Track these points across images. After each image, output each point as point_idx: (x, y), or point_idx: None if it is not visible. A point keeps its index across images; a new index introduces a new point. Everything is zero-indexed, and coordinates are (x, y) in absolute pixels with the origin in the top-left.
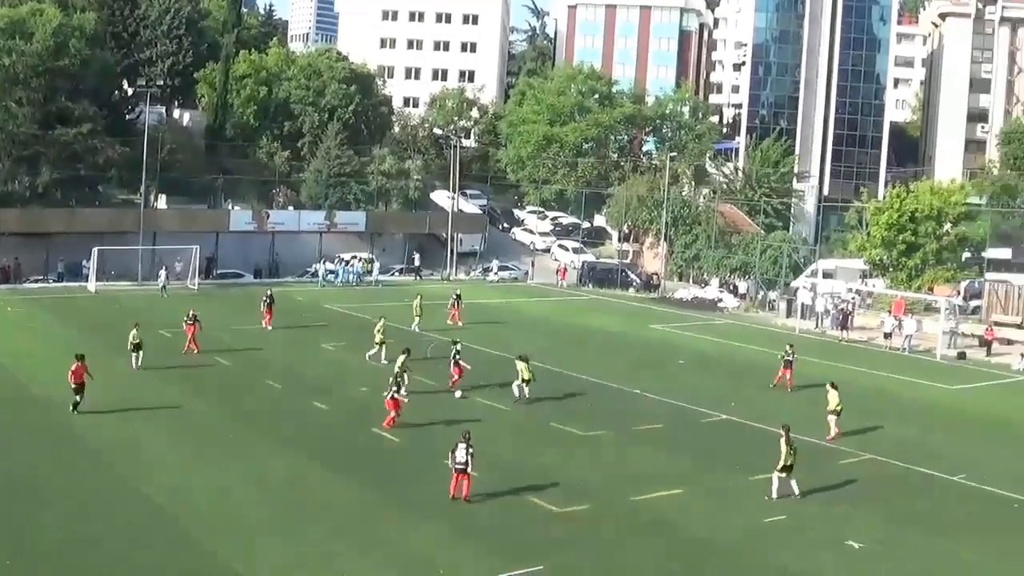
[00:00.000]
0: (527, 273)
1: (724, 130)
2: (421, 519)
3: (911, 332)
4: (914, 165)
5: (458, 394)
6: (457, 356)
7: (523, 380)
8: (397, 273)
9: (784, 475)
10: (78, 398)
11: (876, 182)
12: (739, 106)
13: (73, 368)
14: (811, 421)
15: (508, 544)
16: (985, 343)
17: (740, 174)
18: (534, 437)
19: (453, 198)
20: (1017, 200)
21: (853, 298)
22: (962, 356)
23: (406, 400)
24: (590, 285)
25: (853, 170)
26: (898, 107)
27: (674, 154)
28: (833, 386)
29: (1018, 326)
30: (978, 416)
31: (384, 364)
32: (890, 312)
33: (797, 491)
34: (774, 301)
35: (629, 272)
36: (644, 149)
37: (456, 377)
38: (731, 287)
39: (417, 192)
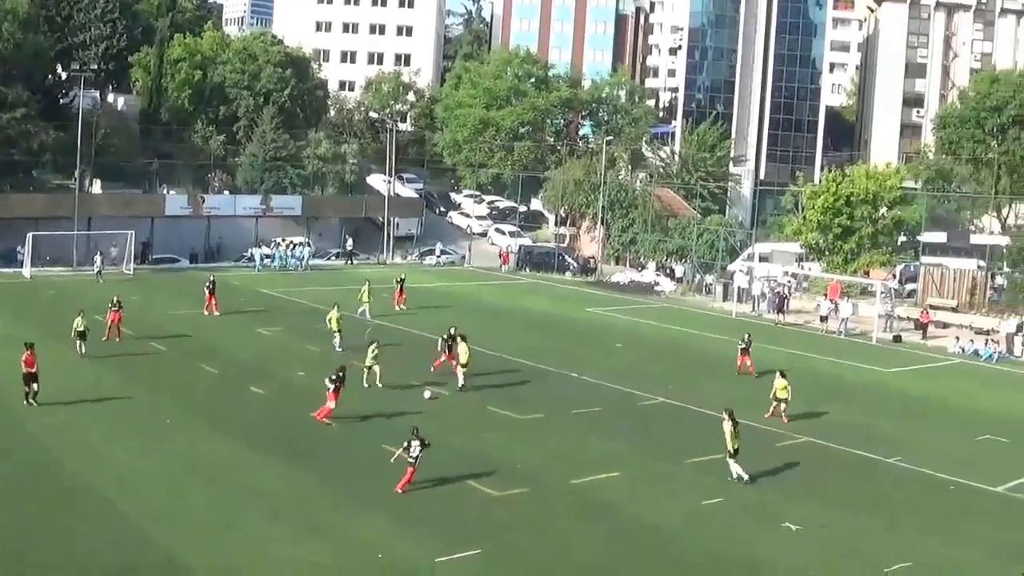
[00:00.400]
0: (464, 257)
1: (660, 114)
2: (359, 505)
3: (847, 315)
4: (850, 149)
5: (427, 394)
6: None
7: (461, 364)
8: (333, 257)
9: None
10: (29, 388)
11: (812, 166)
12: (675, 90)
13: (24, 357)
14: (750, 404)
15: (447, 528)
16: (921, 326)
17: (676, 158)
18: (473, 421)
19: (389, 182)
20: (952, 184)
21: (789, 281)
22: (898, 339)
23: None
24: (527, 269)
25: (789, 154)
26: (834, 92)
27: (610, 138)
28: (782, 374)
29: (953, 309)
30: (914, 399)
31: (339, 351)
32: (826, 295)
33: (745, 475)
34: (711, 285)
35: (566, 256)
36: (580, 133)
37: (439, 363)
38: (668, 271)
39: (353, 176)
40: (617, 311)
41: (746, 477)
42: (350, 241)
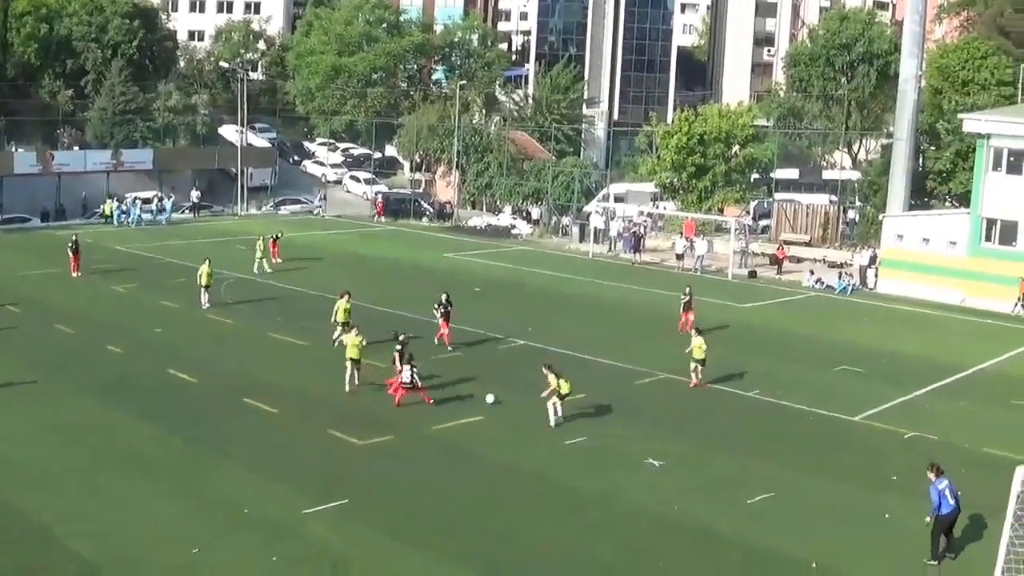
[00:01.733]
0: (320, 206)
1: (513, 57)
2: (224, 459)
3: (702, 253)
4: (702, 89)
5: (490, 399)
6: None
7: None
8: (186, 211)
9: (559, 401)
10: None
11: (665, 106)
12: (528, 33)
13: None
14: (611, 344)
15: (313, 480)
16: (776, 261)
17: (530, 101)
18: (333, 372)
19: (242, 132)
20: (803, 121)
21: (645, 221)
22: (753, 275)
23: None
24: (384, 216)
25: (642, 95)
26: (686, 32)
27: (464, 82)
28: (697, 331)
29: (807, 244)
30: (770, 333)
31: (205, 307)
32: (681, 234)
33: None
34: (567, 226)
35: (422, 202)
36: (434, 78)
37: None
38: (524, 214)
39: (205, 128)
40: (475, 255)
41: (555, 422)
42: (196, 194)
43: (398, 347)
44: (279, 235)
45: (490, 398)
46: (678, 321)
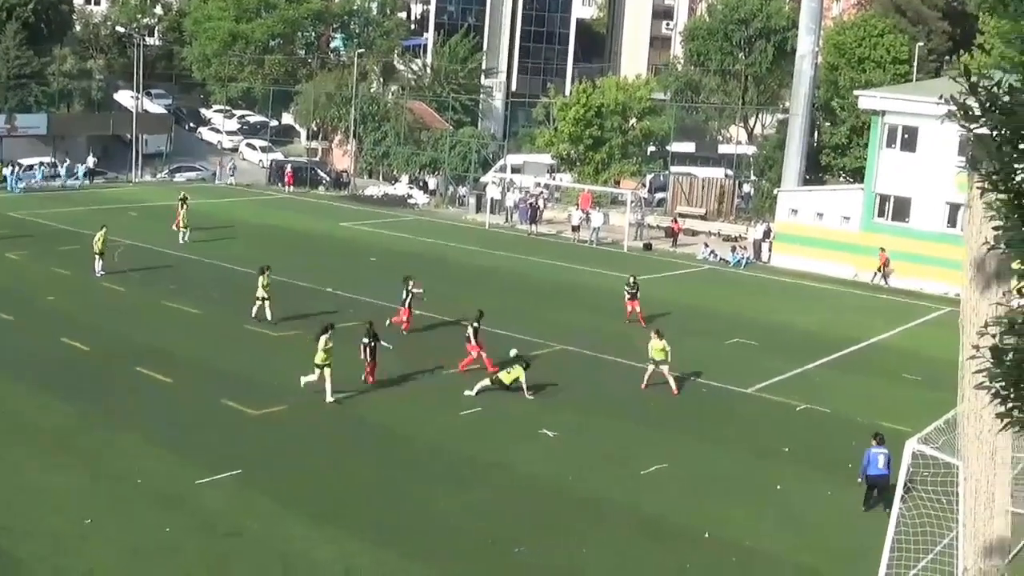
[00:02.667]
0: (215, 173)
1: (412, 27)
2: (117, 429)
3: (598, 225)
4: (600, 61)
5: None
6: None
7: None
8: (79, 177)
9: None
10: None
11: (563, 78)
12: (427, 2)
13: None
14: (506, 314)
15: (207, 450)
16: (672, 234)
17: (428, 71)
18: (228, 340)
19: (137, 98)
20: (700, 95)
21: (541, 192)
22: (648, 247)
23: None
24: (279, 184)
25: (541, 66)
26: (585, 4)
27: (362, 51)
28: (658, 335)
29: (702, 217)
30: (665, 305)
31: (99, 275)
32: (578, 206)
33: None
34: (464, 197)
35: (319, 170)
36: (332, 46)
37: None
38: (421, 184)
39: (100, 93)
40: (371, 225)
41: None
42: (92, 159)
43: (365, 339)
44: (183, 199)
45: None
46: (625, 311)
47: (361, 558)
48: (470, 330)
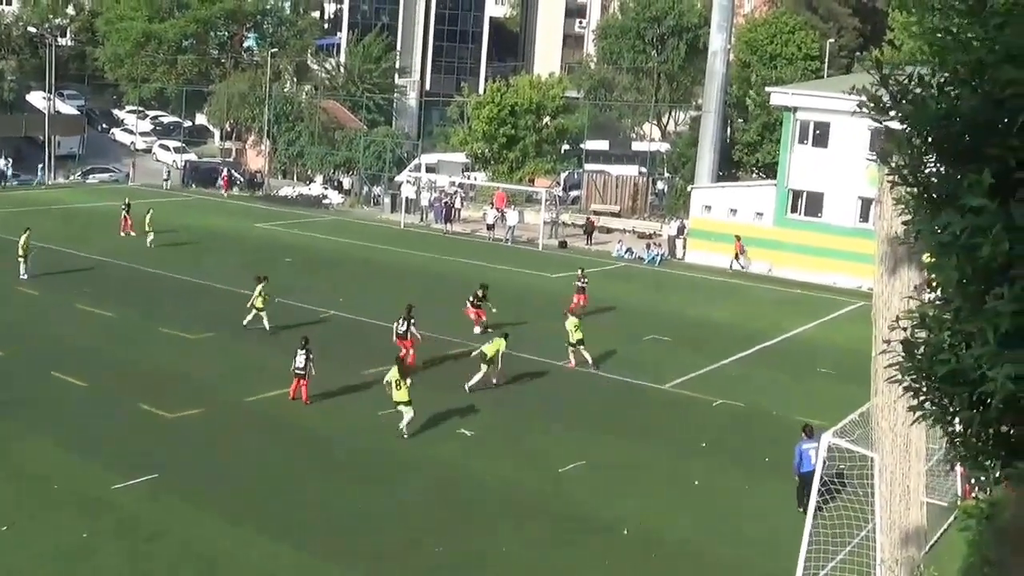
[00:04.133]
0: (128, 175)
1: (326, 26)
2: (32, 433)
3: (513, 223)
4: (514, 60)
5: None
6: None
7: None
8: None
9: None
10: None
11: (477, 77)
12: (340, 1)
13: None
14: (421, 313)
15: (122, 454)
16: (588, 231)
17: (342, 70)
18: (142, 343)
19: (49, 99)
20: (613, 93)
21: (456, 191)
22: (564, 245)
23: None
24: (193, 185)
25: (454, 65)
26: (498, 3)
27: (275, 50)
28: (573, 314)
29: (616, 215)
30: None
31: (24, 278)
32: (492, 204)
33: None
34: (379, 196)
35: (232, 171)
36: (245, 46)
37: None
38: (336, 183)
39: (12, 94)
40: (285, 225)
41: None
42: (3, 162)
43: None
44: (127, 204)
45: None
46: (569, 302)
47: (281, 559)
48: (406, 325)
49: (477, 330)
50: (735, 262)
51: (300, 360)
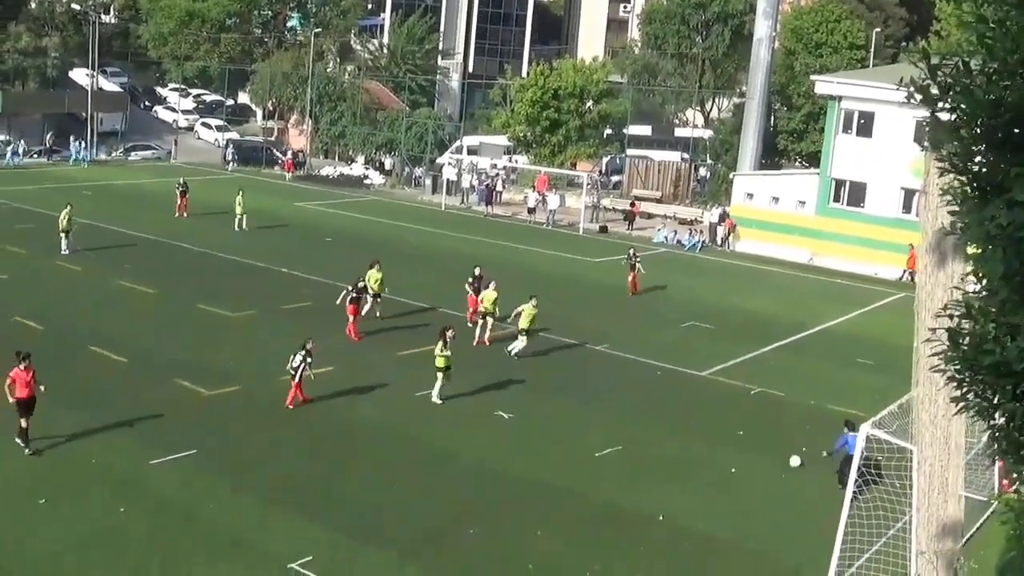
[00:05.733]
0: (170, 152)
1: (369, 6)
2: (70, 409)
3: (554, 207)
4: (557, 43)
5: (795, 462)
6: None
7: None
8: (36, 155)
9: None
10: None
11: (520, 60)
12: None
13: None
14: (461, 296)
15: (160, 430)
16: (630, 217)
17: (385, 51)
18: (180, 320)
19: (93, 76)
20: (657, 78)
21: (498, 174)
22: (604, 230)
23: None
24: (235, 164)
25: (498, 48)
26: None
27: (319, 30)
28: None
29: (658, 200)
30: (620, 288)
31: (65, 254)
32: (534, 188)
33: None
34: (420, 178)
35: (274, 150)
36: (288, 25)
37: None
38: (377, 164)
39: (55, 71)
40: (326, 205)
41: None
42: (50, 137)
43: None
44: (183, 186)
45: (795, 461)
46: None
47: (314, 541)
48: (353, 293)
49: (471, 325)
50: (906, 273)
51: (296, 361)
